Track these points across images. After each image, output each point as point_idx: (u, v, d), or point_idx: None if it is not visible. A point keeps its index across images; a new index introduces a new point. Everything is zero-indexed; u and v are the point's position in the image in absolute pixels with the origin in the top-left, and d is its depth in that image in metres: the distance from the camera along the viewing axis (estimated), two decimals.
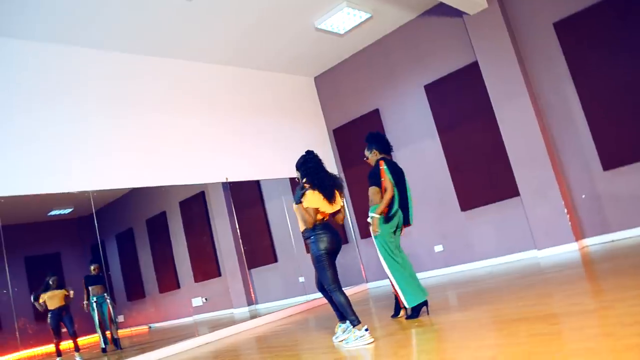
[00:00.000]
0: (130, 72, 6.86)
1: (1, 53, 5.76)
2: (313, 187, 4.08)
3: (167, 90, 7.20)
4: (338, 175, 4.38)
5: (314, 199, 4.05)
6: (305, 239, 4.16)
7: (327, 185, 4.11)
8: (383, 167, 4.46)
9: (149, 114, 6.86)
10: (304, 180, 4.19)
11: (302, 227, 4.16)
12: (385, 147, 4.73)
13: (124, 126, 6.57)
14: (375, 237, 4.45)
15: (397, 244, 4.51)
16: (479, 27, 7.14)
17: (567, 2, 6.62)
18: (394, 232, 4.48)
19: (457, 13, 7.31)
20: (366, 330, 3.82)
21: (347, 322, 4.05)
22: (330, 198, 4.10)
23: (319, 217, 4.09)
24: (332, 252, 4.11)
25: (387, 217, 4.39)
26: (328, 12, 7.10)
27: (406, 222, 4.58)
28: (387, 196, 4.37)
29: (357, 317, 3.90)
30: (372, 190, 4.50)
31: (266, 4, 6.59)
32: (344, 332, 4.06)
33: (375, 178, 4.50)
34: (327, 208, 4.09)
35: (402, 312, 4.56)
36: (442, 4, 7.09)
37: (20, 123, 5.71)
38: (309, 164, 4.21)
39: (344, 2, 6.88)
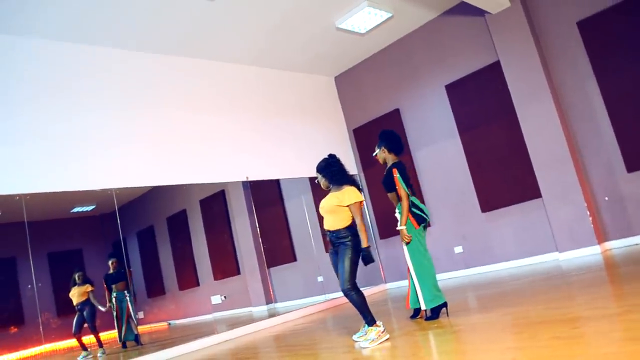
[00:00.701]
0: (153, 72, 6.94)
1: (28, 51, 5.87)
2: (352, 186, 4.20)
3: (189, 89, 7.26)
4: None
5: (356, 193, 4.14)
6: (340, 238, 4.08)
7: (357, 185, 4.24)
8: (396, 175, 4.44)
9: (171, 112, 6.93)
10: (317, 181, 4.28)
11: (337, 226, 4.10)
12: (395, 147, 4.66)
13: (145, 125, 6.65)
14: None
15: (425, 242, 4.48)
16: (501, 26, 7.07)
17: (590, 1, 6.53)
18: (424, 227, 4.48)
19: (479, 12, 7.25)
20: (383, 326, 3.92)
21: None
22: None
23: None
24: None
25: (420, 221, 4.40)
26: (349, 12, 7.09)
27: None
28: (405, 205, 4.36)
29: (372, 316, 3.98)
30: (390, 196, 4.57)
31: (287, 4, 6.61)
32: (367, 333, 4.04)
33: (389, 185, 4.50)
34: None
35: (421, 313, 4.54)
36: (463, 2, 7.05)
37: (45, 121, 5.81)
38: (333, 167, 4.24)
39: (365, 1, 6.87)
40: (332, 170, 4.23)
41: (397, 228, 4.45)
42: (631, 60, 6.26)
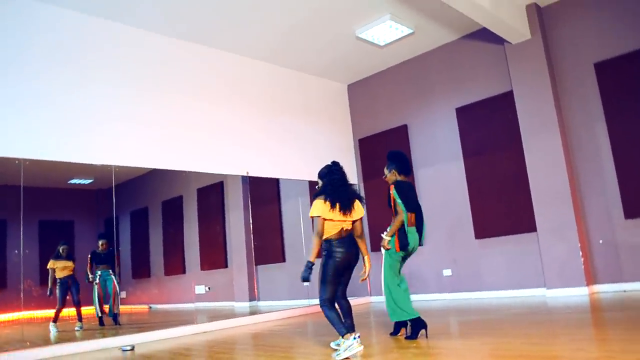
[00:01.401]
0: (167, 55, 6.94)
1: (47, 18, 5.88)
2: (325, 198, 3.96)
3: (200, 77, 7.27)
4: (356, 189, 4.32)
5: (316, 207, 3.96)
6: (323, 250, 4.07)
7: (344, 199, 3.99)
8: (392, 192, 4.43)
9: (180, 98, 6.93)
10: (318, 187, 4.20)
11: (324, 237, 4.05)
12: (404, 168, 4.66)
13: (153, 107, 6.65)
14: (387, 252, 4.46)
15: (398, 267, 4.50)
16: (519, 57, 7.09)
17: (610, 44, 6.55)
18: (405, 257, 4.48)
19: (499, 40, 7.26)
20: (354, 338, 3.76)
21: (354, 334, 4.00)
22: (345, 209, 3.97)
23: (334, 229, 3.98)
24: (342, 268, 4.04)
25: (402, 246, 4.38)
26: (371, 23, 7.11)
27: (420, 243, 4.58)
28: (399, 218, 4.37)
29: (344, 328, 3.87)
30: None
31: (310, 6, 6.62)
32: (340, 345, 3.96)
33: (389, 201, 4.51)
34: (335, 216, 3.95)
35: (401, 331, 4.52)
36: (485, 29, 7.06)
37: (55, 90, 5.81)
38: (334, 175, 4.09)
39: (388, 15, 6.89)
40: (332, 178, 4.09)
41: (382, 234, 4.50)
42: None
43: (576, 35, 6.87)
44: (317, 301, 8.04)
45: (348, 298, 4.31)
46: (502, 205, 7.29)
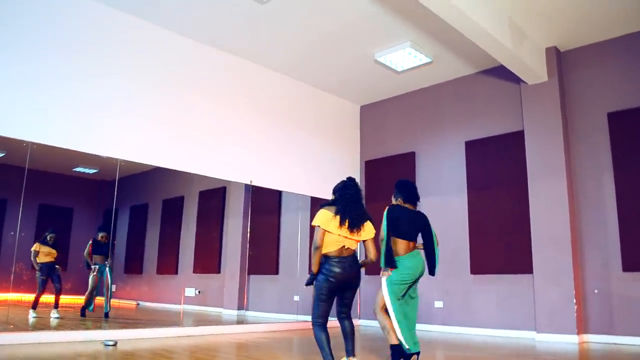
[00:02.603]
0: (184, 56, 6.99)
1: (73, 8, 5.94)
2: (336, 212, 3.77)
3: (214, 81, 7.31)
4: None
5: (320, 216, 3.76)
6: (321, 265, 3.84)
7: (353, 216, 3.80)
8: (383, 217, 4.33)
9: (192, 100, 6.97)
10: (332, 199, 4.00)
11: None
12: (410, 197, 4.57)
13: (165, 106, 6.68)
14: (387, 279, 4.34)
15: (402, 292, 4.38)
16: (533, 98, 7.11)
17: (626, 95, 6.56)
18: (408, 285, 4.37)
19: (516, 79, 7.30)
20: None
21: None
22: (353, 227, 3.79)
23: (335, 245, 3.79)
24: (336, 289, 3.81)
25: (387, 264, 4.29)
26: (390, 48, 7.16)
27: (430, 272, 4.52)
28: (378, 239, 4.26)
29: (332, 357, 3.69)
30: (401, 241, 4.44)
31: (334, 25, 6.67)
32: None
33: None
34: (340, 231, 3.74)
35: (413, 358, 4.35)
36: (502, 66, 7.10)
37: (70, 78, 5.85)
38: (348, 189, 3.91)
39: (409, 42, 6.94)
40: (344, 193, 3.90)
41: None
42: None
43: (593, 83, 6.89)
44: (305, 317, 8.01)
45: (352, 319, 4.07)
46: (500, 244, 7.27)
